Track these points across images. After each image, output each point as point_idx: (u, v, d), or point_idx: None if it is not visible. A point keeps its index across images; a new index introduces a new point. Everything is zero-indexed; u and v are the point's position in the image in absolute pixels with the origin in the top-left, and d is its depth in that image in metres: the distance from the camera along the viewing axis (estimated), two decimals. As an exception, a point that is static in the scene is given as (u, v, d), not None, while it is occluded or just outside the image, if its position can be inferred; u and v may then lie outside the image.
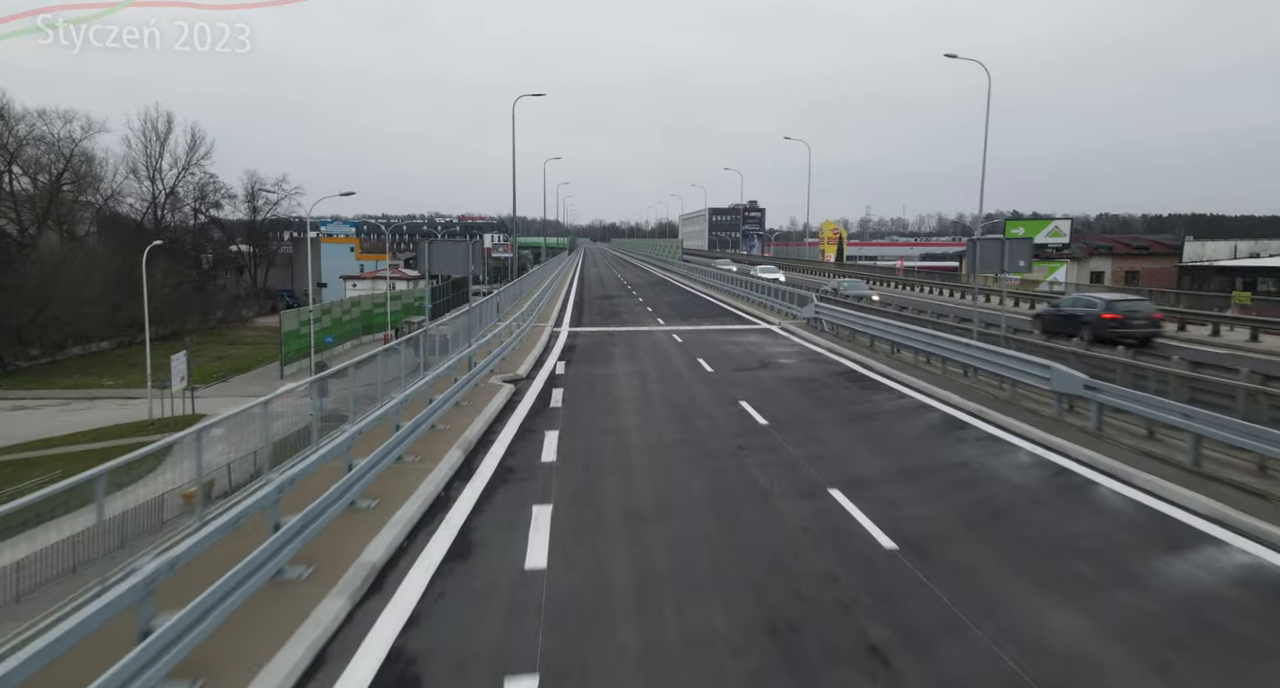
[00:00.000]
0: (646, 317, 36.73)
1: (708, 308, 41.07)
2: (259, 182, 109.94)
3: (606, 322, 34.63)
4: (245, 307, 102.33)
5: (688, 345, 26.22)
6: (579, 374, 20.83)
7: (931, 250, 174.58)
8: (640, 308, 41.59)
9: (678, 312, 38.85)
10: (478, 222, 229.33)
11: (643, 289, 57.03)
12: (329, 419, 12.91)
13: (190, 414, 45.24)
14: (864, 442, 13.60)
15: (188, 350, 46.85)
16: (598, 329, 31.53)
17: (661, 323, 33.62)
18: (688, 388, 18.68)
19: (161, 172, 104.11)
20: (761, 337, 28.42)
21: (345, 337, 70.59)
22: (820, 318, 28.25)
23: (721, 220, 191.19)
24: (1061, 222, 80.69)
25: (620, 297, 50.09)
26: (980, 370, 17.10)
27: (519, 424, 14.99)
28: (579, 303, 44.86)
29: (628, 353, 24.69)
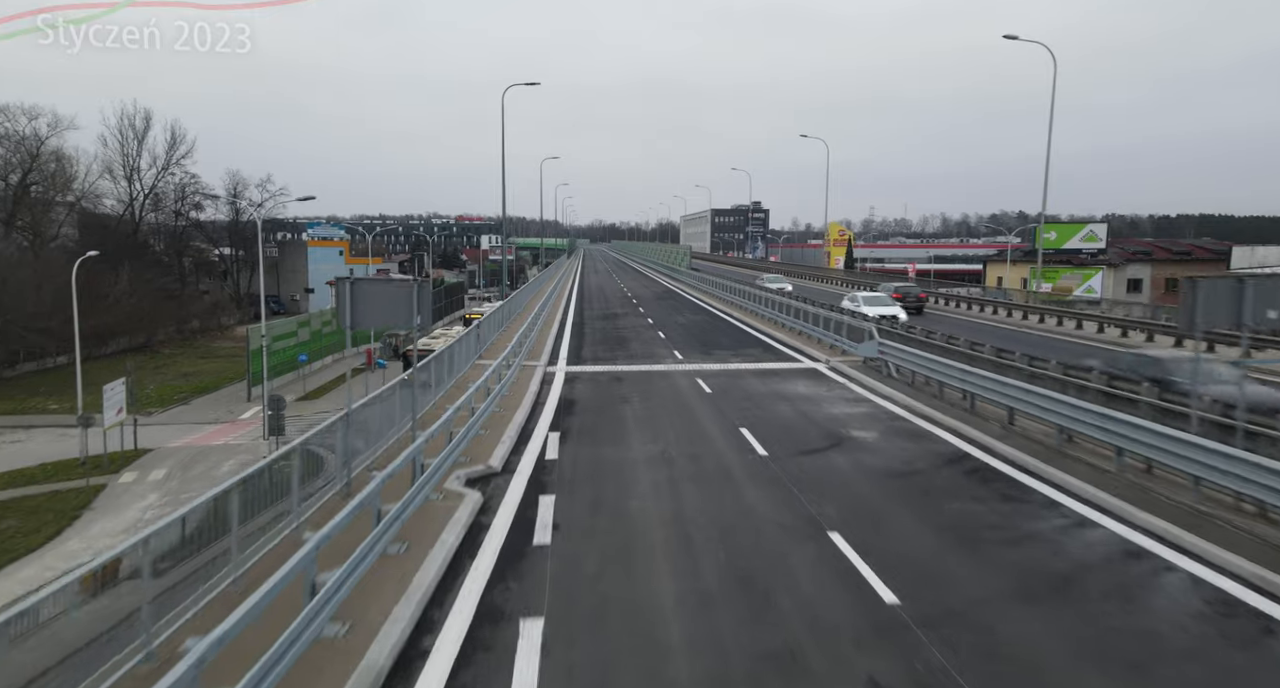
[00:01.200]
0: (659, 346, 30.52)
1: (730, 334, 34.79)
2: (241, 182, 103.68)
3: (612, 354, 28.44)
4: (226, 314, 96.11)
5: (720, 399, 20.03)
6: (578, 462, 14.61)
7: (940, 252, 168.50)
8: (650, 332, 35.37)
9: (696, 339, 32.62)
10: (475, 222, 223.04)
11: (650, 304, 50.75)
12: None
13: (133, 449, 39.19)
14: (1091, 658, 7.39)
15: (129, 376, 40.53)
16: (601, 369, 25.31)
17: (679, 357, 27.42)
18: (738, 495, 12.45)
19: (140, 171, 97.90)
20: (812, 383, 22.19)
21: (326, 351, 64.42)
22: (886, 360, 22.02)
23: (725, 222, 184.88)
24: (1097, 225, 74.60)
25: (625, 315, 43.83)
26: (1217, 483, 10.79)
27: (475, 605, 8.76)
28: (578, 325, 38.61)
29: (643, 414, 18.48)
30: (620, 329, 36.49)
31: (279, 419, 33.51)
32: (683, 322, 39.44)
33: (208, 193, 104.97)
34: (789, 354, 27.84)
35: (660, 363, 26.12)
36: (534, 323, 33.14)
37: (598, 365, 25.90)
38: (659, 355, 27.91)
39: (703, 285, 59.45)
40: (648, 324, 38.68)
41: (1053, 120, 38.40)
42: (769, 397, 20.25)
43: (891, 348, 21.55)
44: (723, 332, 35.44)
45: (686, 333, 34.71)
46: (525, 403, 19.22)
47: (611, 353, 28.86)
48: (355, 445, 12.52)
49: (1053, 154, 38.66)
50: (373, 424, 13.93)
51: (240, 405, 50.91)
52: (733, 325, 37.57)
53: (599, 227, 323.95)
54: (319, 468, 12.32)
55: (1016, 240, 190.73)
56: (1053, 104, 38.13)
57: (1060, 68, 58.61)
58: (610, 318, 41.94)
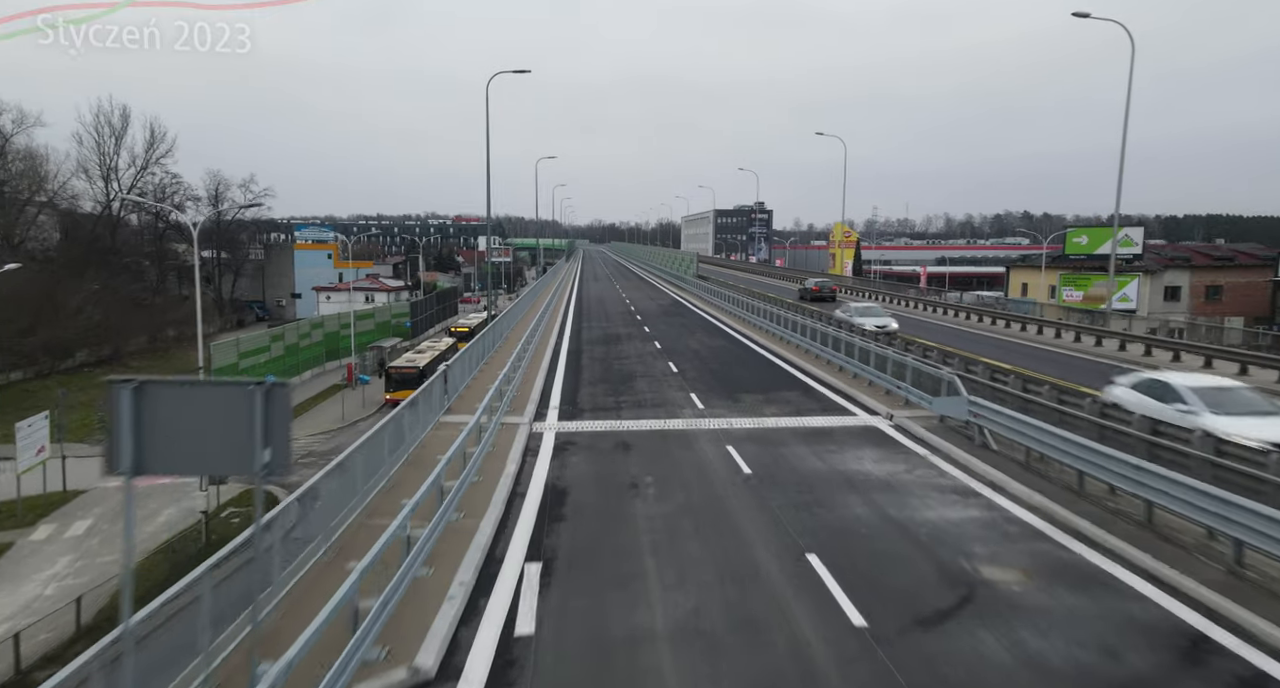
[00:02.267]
0: (672, 386, 24.90)
1: (755, 366, 29.10)
2: (223, 182, 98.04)
3: (615, 401, 22.78)
4: (206, 321, 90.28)
5: (766, 487, 14.41)
6: (564, 645, 8.91)
7: (948, 254, 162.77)
8: (659, 363, 29.70)
9: (716, 375, 26.95)
10: (472, 223, 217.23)
11: (656, 322, 45.05)
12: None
13: (60, 492, 33.98)
14: None
15: (55, 408, 34.91)
16: (602, 427, 19.61)
17: (699, 405, 21.81)
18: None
19: (117, 171, 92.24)
20: (883, 455, 16.51)
21: (305, 365, 58.79)
22: (981, 426, 16.39)
23: (728, 223, 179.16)
24: (1133, 229, 68.84)
25: (628, 337, 38.09)
26: None
27: None
28: (574, 353, 32.89)
29: (661, 521, 12.76)
30: (624, 359, 30.84)
31: (220, 467, 27.96)
32: (696, 348, 33.77)
33: (190, 194, 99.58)
34: (835, 402, 22.19)
35: (677, 416, 20.49)
36: (523, 352, 27.57)
37: (597, 420, 20.26)
38: (673, 403, 22.28)
39: (713, 298, 53.70)
40: (655, 350, 33.01)
41: (1129, 110, 33.05)
42: (832, 482, 14.64)
43: (990, 412, 15.88)
44: (745, 363, 29.79)
45: (702, 365, 29.07)
46: (497, 498, 13.60)
47: (615, 398, 23.23)
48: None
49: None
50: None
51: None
52: (756, 354, 31.90)
53: (598, 227, 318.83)
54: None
55: (1025, 242, 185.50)
56: (1130, 86, 32.91)
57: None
58: (612, 341, 36.26)
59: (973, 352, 31.75)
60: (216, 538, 27.79)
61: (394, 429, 15.03)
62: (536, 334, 34.95)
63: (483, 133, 37.21)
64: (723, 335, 38.02)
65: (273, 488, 33.92)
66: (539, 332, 36.56)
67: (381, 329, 72.57)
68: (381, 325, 73.31)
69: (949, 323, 47.10)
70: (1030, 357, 31.89)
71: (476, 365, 26.35)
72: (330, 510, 11.61)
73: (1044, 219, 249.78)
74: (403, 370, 45.48)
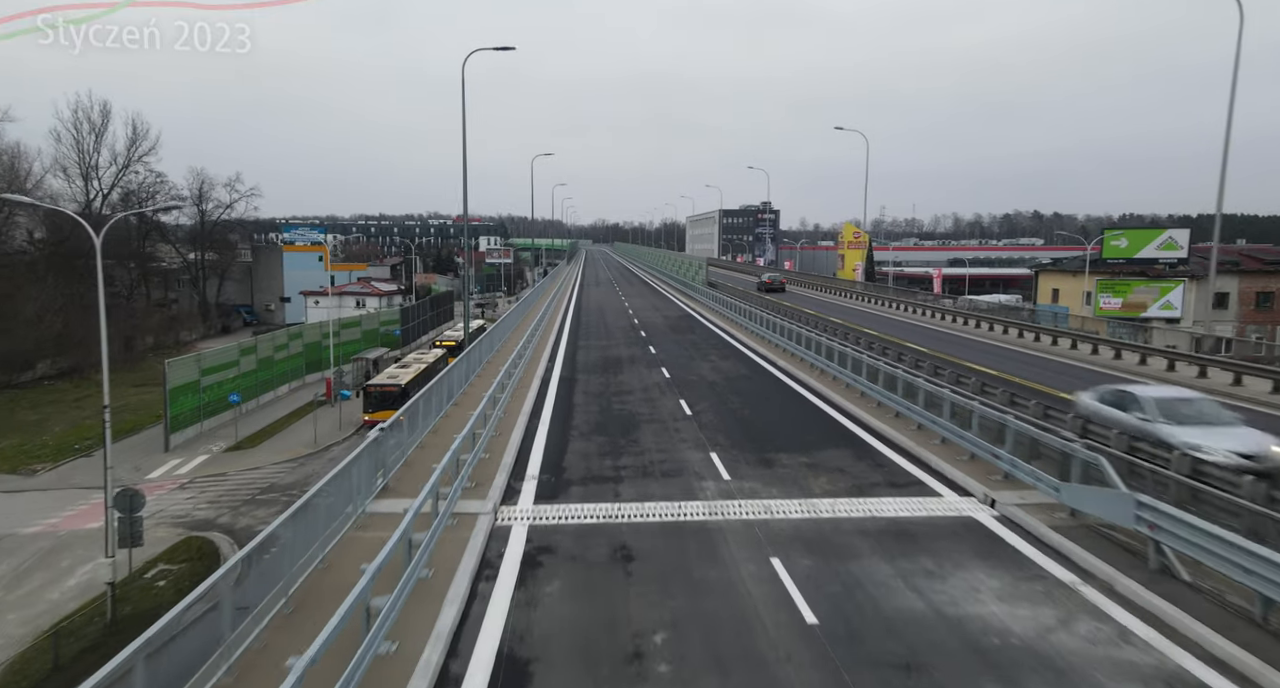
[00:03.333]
0: (685, 435, 19.33)
1: (789, 407, 23.37)
2: (207, 181, 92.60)
3: (614, 464, 17.13)
4: (188, 327, 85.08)
5: (849, 663, 8.81)
6: None
7: (960, 255, 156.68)
8: (668, 398, 24.04)
9: (738, 420, 21.27)
10: (474, 223, 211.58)
11: (664, 340, 39.30)
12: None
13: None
14: None
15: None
16: (592, 516, 13.91)
17: (722, 471, 16.25)
18: None
19: (98, 169, 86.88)
20: (1012, 591, 10.74)
21: (281, 380, 53.28)
22: (1161, 543, 10.75)
23: (733, 223, 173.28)
24: (1178, 231, 63.05)
25: (631, 361, 32.35)
26: None
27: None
28: (566, 385, 27.09)
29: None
30: (626, 394, 25.17)
31: (132, 524, 22.46)
32: (712, 378, 28.06)
33: (177, 194, 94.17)
34: (904, 469, 16.47)
35: (695, 494, 14.87)
36: (505, 382, 22.10)
37: (588, 502, 14.62)
38: (689, 468, 16.68)
39: (725, 310, 48.01)
40: (664, 381, 27.34)
41: (1235, 87, 27.49)
42: (950, 650, 9.05)
43: (1184, 529, 10.23)
44: (772, 400, 24.10)
45: (721, 403, 23.41)
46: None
47: (613, 459, 17.60)
48: None
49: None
50: None
51: (154, 459, 39.95)
52: (784, 387, 26.19)
53: (601, 227, 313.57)
54: None
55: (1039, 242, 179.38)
56: (1235, 68, 27.24)
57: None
58: (612, 367, 30.57)
59: (1035, 380, 26.13)
60: (131, 611, 22.36)
61: (274, 560, 9.43)
62: (525, 356, 29.44)
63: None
64: (740, 359, 32.35)
65: (214, 538, 28.64)
66: (528, 353, 31.04)
67: (369, 338, 66.94)
68: (369, 334, 67.64)
69: (979, 336, 41.46)
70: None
71: (443, 406, 20.84)
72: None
73: (1054, 219, 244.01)
74: (383, 388, 39.87)
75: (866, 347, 31.34)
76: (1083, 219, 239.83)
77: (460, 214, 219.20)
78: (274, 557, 9.56)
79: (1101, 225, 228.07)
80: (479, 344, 29.05)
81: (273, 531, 9.48)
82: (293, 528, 9.97)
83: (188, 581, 23.99)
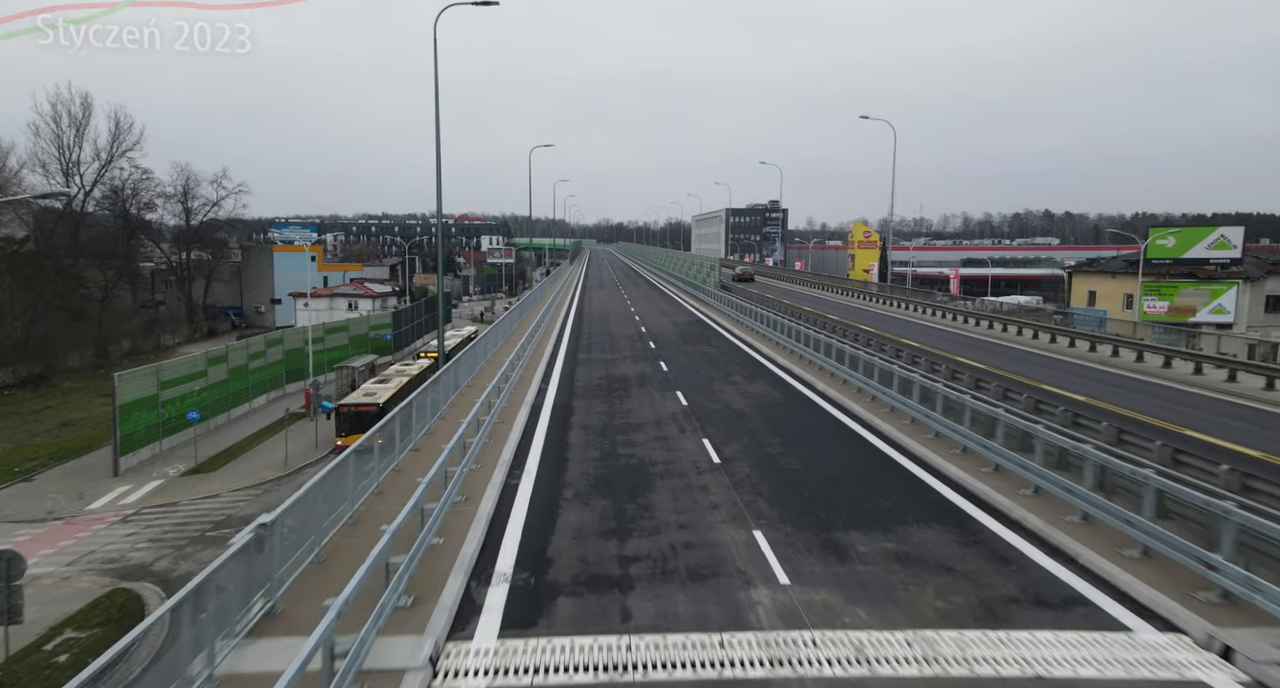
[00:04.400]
0: (717, 499, 14.08)
1: (845, 448, 18.11)
2: (192, 177, 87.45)
3: (618, 551, 11.82)
4: (171, 330, 79.96)
5: None
6: None
7: (974, 255, 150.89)
8: (690, 438, 18.72)
9: (784, 475, 15.96)
10: (475, 223, 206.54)
11: (675, 353, 33.88)
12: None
13: None
14: None
15: None
16: (588, 655, 8.83)
17: (777, 569, 10.98)
18: None
19: (80, 166, 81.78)
20: None
21: (258, 390, 48.16)
22: None
23: (740, 222, 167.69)
24: (1230, 229, 57.61)
25: (640, 381, 26.99)
26: None
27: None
28: (560, 414, 21.71)
29: None
30: (634, 431, 19.77)
31: (9, 595, 17.32)
32: (740, 407, 22.61)
33: (163, 191, 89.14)
34: (1045, 569, 11.09)
35: (743, 617, 9.59)
36: (478, 420, 16.96)
37: (581, 630, 9.35)
38: (726, 555, 11.48)
39: (743, 317, 42.65)
40: (681, 410, 21.99)
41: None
42: None
43: None
44: (824, 442, 18.64)
45: (757, 447, 18.08)
46: None
47: (619, 540, 12.30)
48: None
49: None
50: None
51: (101, 484, 34.89)
52: (834, 420, 20.84)
53: (605, 226, 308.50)
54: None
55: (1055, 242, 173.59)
56: None
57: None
58: (617, 391, 25.23)
59: (1125, 405, 20.83)
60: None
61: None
62: (514, 377, 24.28)
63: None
64: (769, 379, 27.03)
65: (145, 591, 23.65)
66: (518, 369, 25.86)
67: (357, 344, 61.50)
68: (358, 339, 62.21)
69: (1009, 342, 36.15)
70: (1179, 404, 20.93)
71: (400, 445, 15.68)
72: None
73: (1065, 218, 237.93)
74: (358, 408, 34.02)
75: (909, 361, 26.13)
76: (1094, 218, 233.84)
77: (463, 214, 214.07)
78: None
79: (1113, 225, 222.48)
80: (458, 363, 23.85)
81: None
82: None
83: (96, 654, 18.93)
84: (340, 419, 33.97)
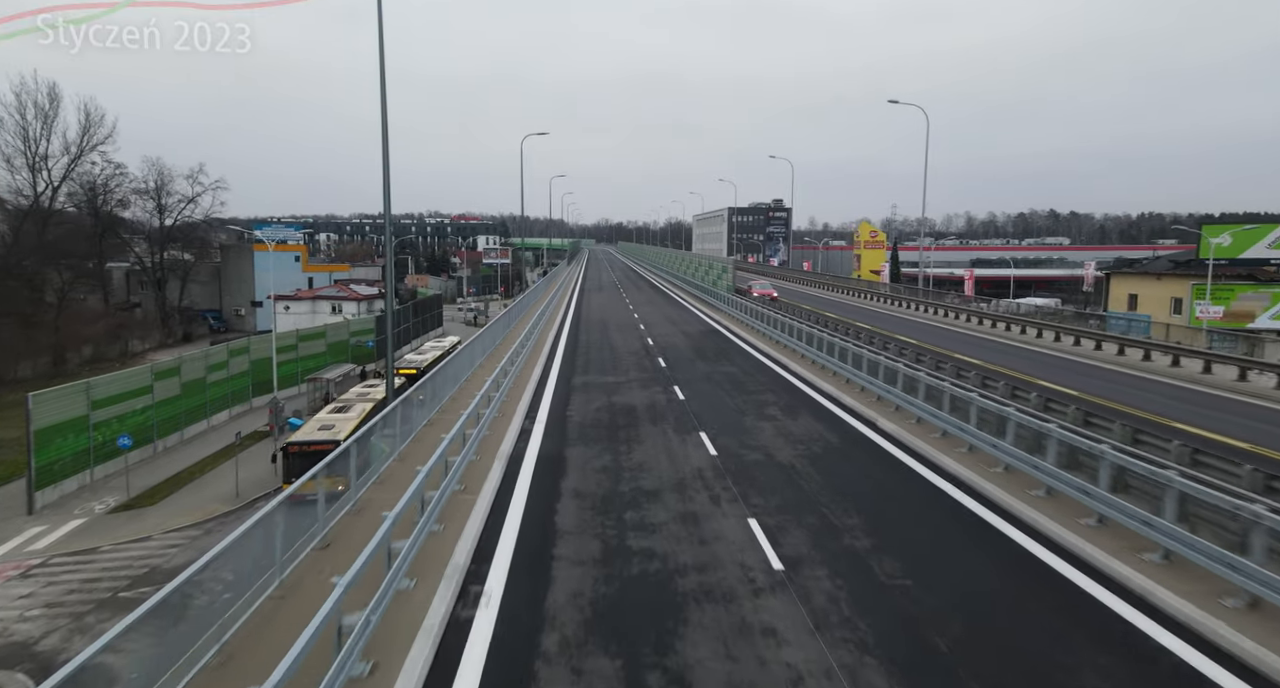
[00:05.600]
0: (787, 643, 8.32)
1: (984, 559, 12.25)
2: (165, 173, 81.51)
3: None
4: (141, 335, 74.08)
5: None
6: None
7: (984, 256, 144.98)
8: (728, 516, 12.78)
9: (886, 594, 10.07)
10: (471, 222, 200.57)
11: (690, 372, 27.98)
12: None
13: None
14: None
15: None
16: None
17: None
18: None
19: (48, 160, 75.98)
20: None
21: (219, 405, 42.44)
22: None
23: (743, 221, 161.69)
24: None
25: (652, 414, 21.02)
26: None
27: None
28: (548, 465, 15.69)
29: None
30: (647, 503, 13.70)
31: None
32: (789, 459, 16.44)
33: (139, 188, 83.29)
34: None
35: None
36: (420, 494, 11.20)
37: None
38: None
39: (764, 326, 36.81)
40: (708, 464, 15.97)
41: None
42: None
43: None
44: (929, 521, 12.71)
45: (829, 533, 12.11)
46: None
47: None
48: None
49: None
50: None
51: (9, 526, 29.26)
52: (923, 482, 14.97)
53: (605, 226, 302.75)
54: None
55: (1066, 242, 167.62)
56: None
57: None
58: (622, 432, 19.19)
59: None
60: None
61: None
62: (489, 411, 18.47)
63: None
64: (814, 410, 21.09)
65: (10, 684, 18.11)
66: (495, 403, 20.00)
67: (336, 351, 55.38)
68: (337, 347, 56.06)
69: (1045, 348, 30.33)
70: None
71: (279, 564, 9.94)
72: None
73: (1070, 217, 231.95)
74: (308, 448, 24.90)
75: (979, 383, 20.35)
76: (1100, 218, 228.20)
77: (461, 214, 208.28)
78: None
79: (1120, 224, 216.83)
80: (419, 391, 18.01)
81: None
82: None
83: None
84: (289, 460, 25.59)
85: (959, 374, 20.63)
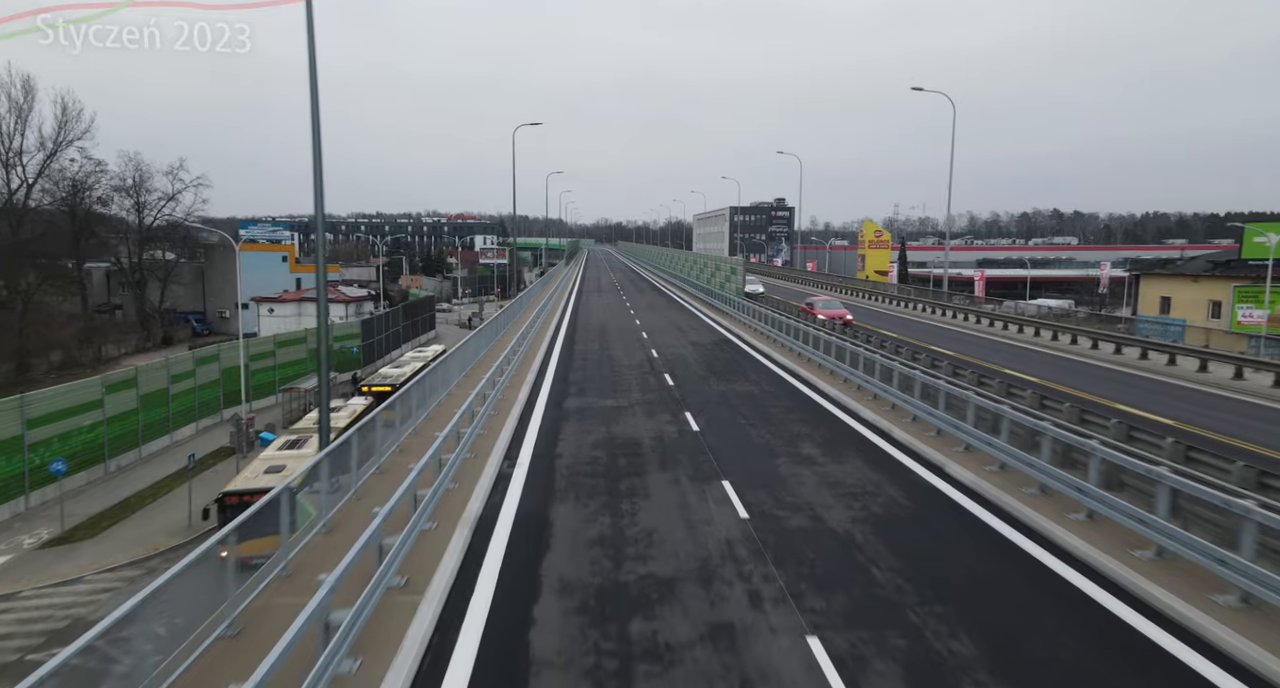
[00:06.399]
0: None
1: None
2: (143, 170, 77.42)
3: None
4: (117, 339, 70.00)
5: None
6: None
7: (991, 256, 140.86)
8: (777, 631, 8.77)
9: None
10: (469, 222, 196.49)
11: (704, 393, 23.75)
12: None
13: None
14: None
15: None
16: None
17: None
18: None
19: (22, 156, 72.19)
20: None
21: (182, 419, 38.54)
22: None
23: (745, 221, 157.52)
24: (1346, 227, 48.02)
25: (659, 450, 16.90)
26: None
27: None
28: (526, 538, 11.61)
29: None
30: (659, 611, 9.62)
31: None
32: (842, 524, 12.33)
33: (119, 185, 79.28)
34: None
35: None
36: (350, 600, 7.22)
37: None
38: None
39: (768, 328, 32.70)
40: (739, 538, 11.76)
41: None
42: None
43: None
44: (1070, 645, 8.69)
45: (933, 672, 8.31)
46: None
47: None
48: None
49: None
50: None
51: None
52: (1040, 569, 10.79)
53: (604, 226, 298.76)
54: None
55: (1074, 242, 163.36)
56: None
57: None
58: (624, 482, 14.98)
59: None
60: None
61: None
62: (457, 452, 14.47)
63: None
64: (860, 446, 17.05)
65: None
66: (466, 439, 15.96)
67: (312, 358, 51.00)
68: (312, 354, 51.69)
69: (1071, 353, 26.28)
70: None
71: None
72: None
73: (1075, 217, 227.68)
74: (250, 498, 16.01)
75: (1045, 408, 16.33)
76: (1105, 218, 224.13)
77: (458, 213, 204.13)
78: None
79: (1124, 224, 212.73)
80: (375, 427, 14.00)
81: None
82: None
83: None
84: (225, 515, 19.76)
85: (1042, 405, 16.50)
